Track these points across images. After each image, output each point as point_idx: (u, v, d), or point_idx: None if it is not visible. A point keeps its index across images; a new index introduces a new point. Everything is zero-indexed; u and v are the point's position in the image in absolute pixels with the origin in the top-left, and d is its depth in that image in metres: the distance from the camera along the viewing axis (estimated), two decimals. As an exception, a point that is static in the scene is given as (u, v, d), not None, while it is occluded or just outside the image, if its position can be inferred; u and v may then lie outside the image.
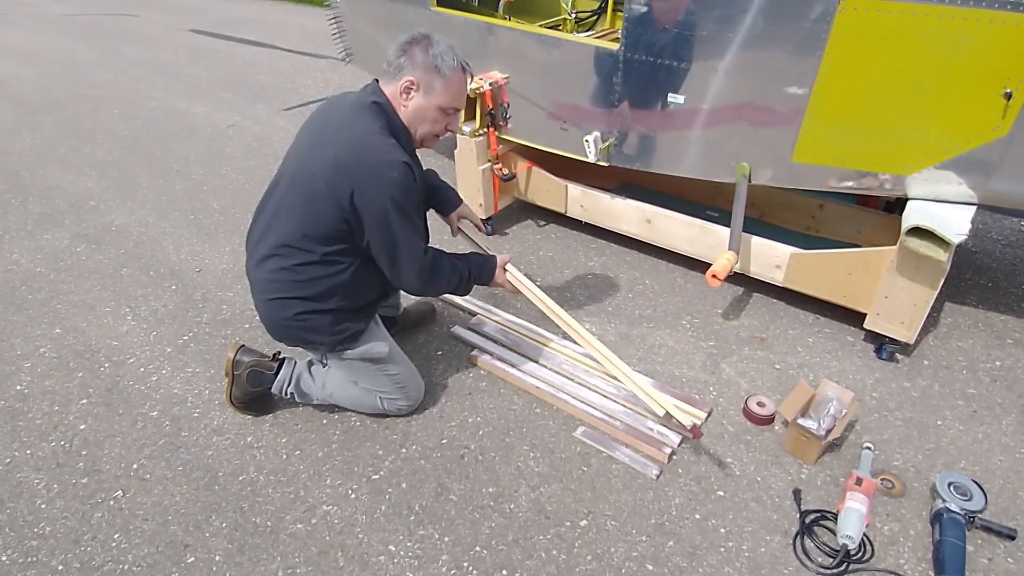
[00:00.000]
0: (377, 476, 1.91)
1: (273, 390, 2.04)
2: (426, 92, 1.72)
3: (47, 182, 3.77)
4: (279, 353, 2.09)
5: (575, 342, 2.15)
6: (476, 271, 2.01)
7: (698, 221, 2.59)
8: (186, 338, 2.48)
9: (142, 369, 2.34)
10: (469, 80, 1.80)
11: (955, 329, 2.50)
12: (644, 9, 2.23)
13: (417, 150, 1.86)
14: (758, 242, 2.45)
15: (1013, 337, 2.44)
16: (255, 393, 2.06)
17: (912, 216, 2.03)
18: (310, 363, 2.07)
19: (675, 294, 2.70)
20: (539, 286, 2.70)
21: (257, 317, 1.95)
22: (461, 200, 2.23)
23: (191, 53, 6.48)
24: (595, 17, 3.65)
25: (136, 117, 4.79)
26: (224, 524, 1.78)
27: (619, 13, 3.58)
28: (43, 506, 1.84)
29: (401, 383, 2.01)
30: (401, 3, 2.98)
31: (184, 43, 6.89)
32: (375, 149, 1.65)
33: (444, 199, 2.21)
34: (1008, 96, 1.85)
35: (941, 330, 2.49)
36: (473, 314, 2.56)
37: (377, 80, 1.79)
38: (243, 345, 2.06)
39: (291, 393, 2.04)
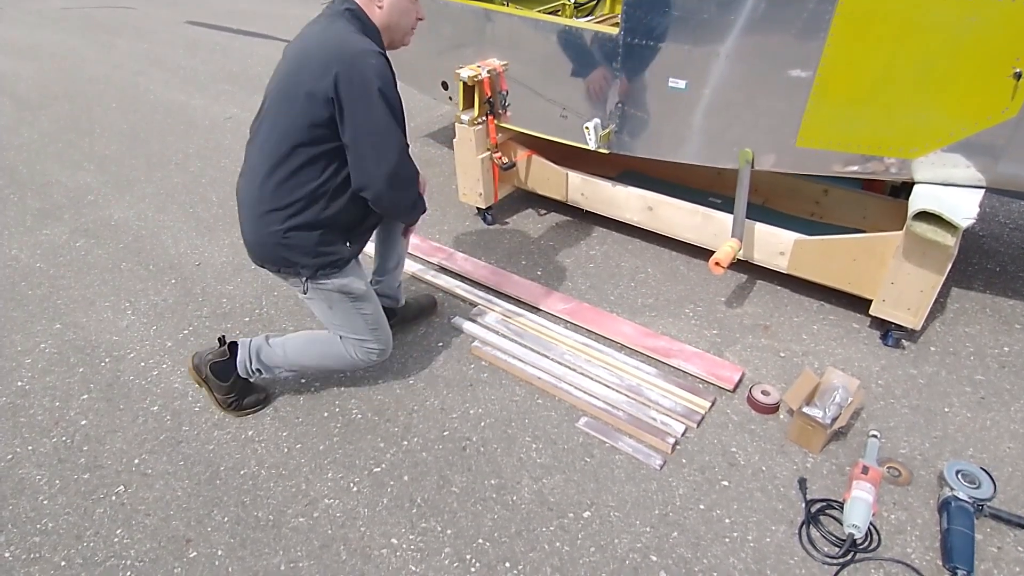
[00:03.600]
0: (379, 469, 1.90)
1: (240, 373, 2.02)
2: None
3: (45, 177, 3.75)
4: (223, 337, 2.05)
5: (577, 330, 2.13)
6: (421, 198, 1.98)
7: (701, 208, 2.56)
8: (186, 332, 2.47)
9: (142, 364, 2.33)
10: None
11: (962, 314, 2.47)
12: (644, -8, 2.19)
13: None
14: (761, 229, 2.42)
15: (1021, 322, 2.41)
16: (233, 386, 2.03)
17: (919, 201, 1.99)
18: (267, 337, 2.04)
19: (678, 282, 2.67)
20: (540, 276, 2.70)
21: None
22: None
23: (188, 45, 6.43)
24: (595, 3, 3.59)
25: (134, 111, 4.76)
26: (226, 518, 1.77)
27: (619, -2, 3.53)
28: (45, 502, 1.83)
29: (373, 325, 1.99)
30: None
31: (181, 35, 6.84)
32: (354, 42, 1.67)
33: None
34: (1017, 76, 1.81)
35: (948, 315, 2.46)
36: (474, 304, 2.54)
37: None
38: (196, 353, 2.04)
39: (257, 369, 2.01)
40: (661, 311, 2.51)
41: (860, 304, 2.34)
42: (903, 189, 2.60)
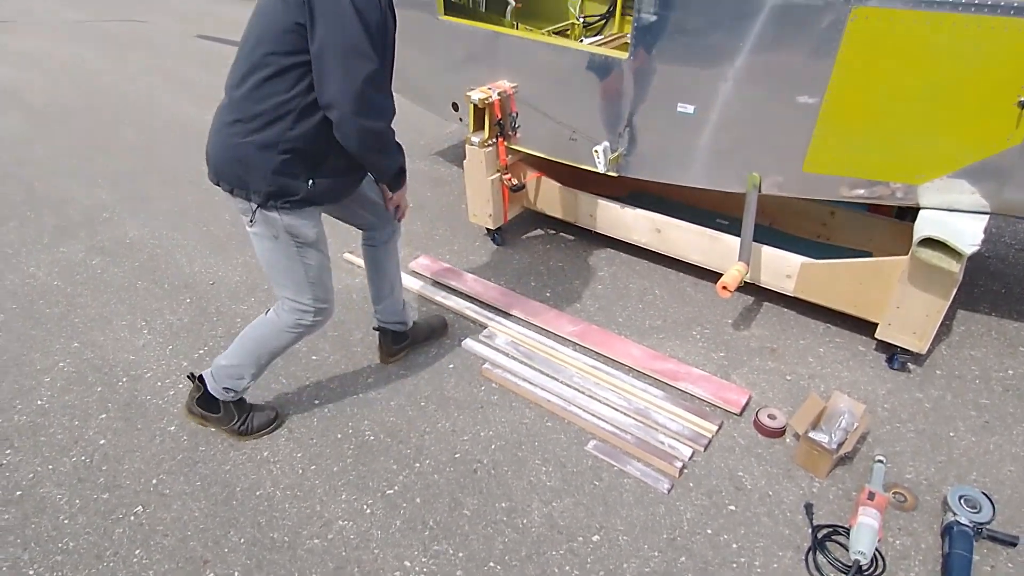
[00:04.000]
0: (391, 491, 1.93)
1: (221, 398, 2.05)
2: None
3: (61, 194, 3.82)
4: (192, 373, 2.09)
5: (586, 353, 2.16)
6: (402, 160, 1.86)
7: (708, 231, 2.59)
8: (202, 351, 2.52)
9: (159, 383, 2.37)
10: None
11: (968, 337, 2.49)
12: (653, 18, 2.23)
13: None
14: (768, 252, 2.45)
15: (1027, 345, 2.43)
16: (229, 414, 2.08)
17: (924, 227, 2.02)
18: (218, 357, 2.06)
19: (685, 304, 2.70)
20: (549, 297, 2.74)
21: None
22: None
23: (200, 59, 6.52)
24: (603, 22, 3.64)
25: (147, 125, 4.83)
26: (242, 539, 1.81)
27: (627, 17, 3.58)
28: (66, 521, 1.88)
29: (313, 280, 1.87)
30: (410, 11, 2.98)
31: (193, 49, 6.93)
32: None
33: None
34: (1022, 105, 1.84)
35: (954, 338, 2.48)
36: (484, 326, 2.57)
37: None
38: (187, 399, 2.13)
39: (225, 388, 2.02)
40: (669, 333, 2.54)
41: (866, 327, 2.36)
42: (909, 211, 2.62)
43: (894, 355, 2.31)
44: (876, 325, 2.29)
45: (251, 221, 1.77)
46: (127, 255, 3.18)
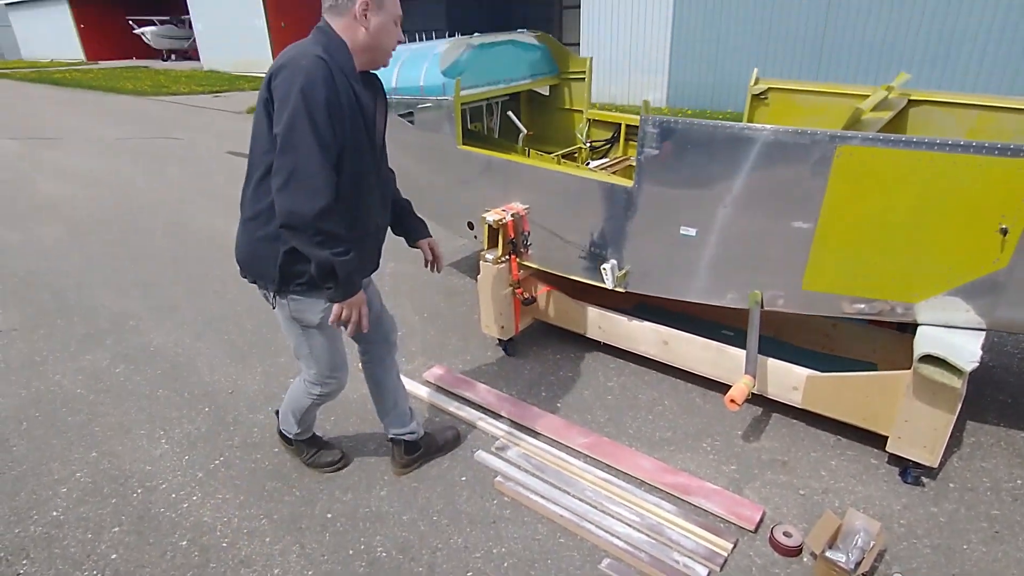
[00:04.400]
0: (402, 613, 1.90)
1: (286, 435, 2.48)
2: (378, 8, 1.78)
3: (91, 302, 3.99)
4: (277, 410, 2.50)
5: (598, 466, 2.18)
6: (347, 262, 1.77)
7: (714, 344, 2.67)
8: (217, 462, 2.55)
9: (173, 495, 2.39)
10: None
11: (978, 449, 2.49)
12: (655, 152, 2.44)
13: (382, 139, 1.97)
14: (774, 364, 2.51)
15: (1039, 458, 2.43)
16: (300, 448, 2.49)
17: (923, 343, 2.09)
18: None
19: (694, 415, 2.73)
20: (560, 408, 2.78)
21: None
22: (429, 233, 2.30)
23: (229, 173, 6.96)
24: (609, 146, 3.93)
25: (177, 236, 5.11)
26: (249, 666, 1.76)
27: (631, 142, 3.87)
28: (70, 644, 1.84)
29: (317, 358, 2.10)
30: (433, 141, 3.26)
31: (223, 164, 7.42)
32: (301, 49, 1.72)
33: (411, 227, 2.27)
34: (1004, 232, 1.97)
35: (965, 450, 2.48)
36: (496, 438, 2.60)
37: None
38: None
39: (284, 428, 2.45)
40: (679, 445, 2.56)
41: (877, 439, 2.37)
42: (911, 324, 2.71)
43: (907, 469, 2.31)
44: (887, 438, 2.31)
45: (273, 305, 2.03)
46: (150, 363, 3.28)
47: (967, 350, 2.05)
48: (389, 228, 2.20)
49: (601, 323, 2.98)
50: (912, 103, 2.85)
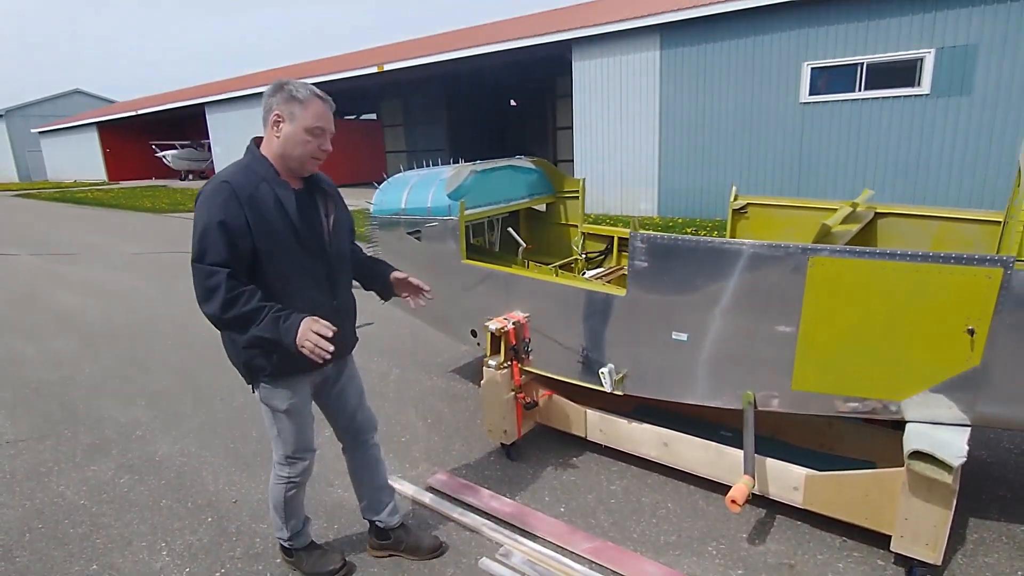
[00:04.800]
0: None
1: (289, 545, 2.49)
2: (290, 120, 2.01)
3: (99, 412, 4.05)
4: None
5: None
6: (266, 326, 1.96)
7: (713, 444, 2.73)
8: (219, 574, 2.52)
9: (173, 610, 2.35)
10: (328, 106, 2.06)
11: (981, 544, 2.49)
12: (645, 265, 2.63)
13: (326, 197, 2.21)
14: (773, 464, 2.56)
15: (1045, 557, 2.41)
16: (295, 556, 2.50)
17: (912, 440, 2.17)
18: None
19: (698, 518, 2.73)
20: (563, 512, 2.79)
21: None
22: (390, 268, 2.46)
23: (240, 285, 7.21)
24: (603, 256, 4.17)
25: (186, 346, 5.24)
26: None
27: (624, 253, 4.11)
28: None
29: (285, 439, 2.26)
30: (440, 253, 3.48)
31: (234, 276, 7.70)
32: (216, 174, 2.05)
33: (371, 276, 2.46)
34: (971, 332, 2.11)
35: (968, 546, 2.48)
36: (500, 544, 2.59)
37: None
38: None
39: (277, 536, 2.48)
40: (684, 549, 2.54)
41: (881, 538, 2.37)
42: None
43: (912, 568, 2.29)
44: (890, 537, 2.31)
45: (253, 391, 2.25)
46: (155, 473, 3.30)
47: (954, 445, 2.12)
48: (362, 287, 2.47)
49: (602, 426, 3.05)
50: (879, 215, 3.11)
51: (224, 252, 1.93)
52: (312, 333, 1.93)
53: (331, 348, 1.94)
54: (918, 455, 2.12)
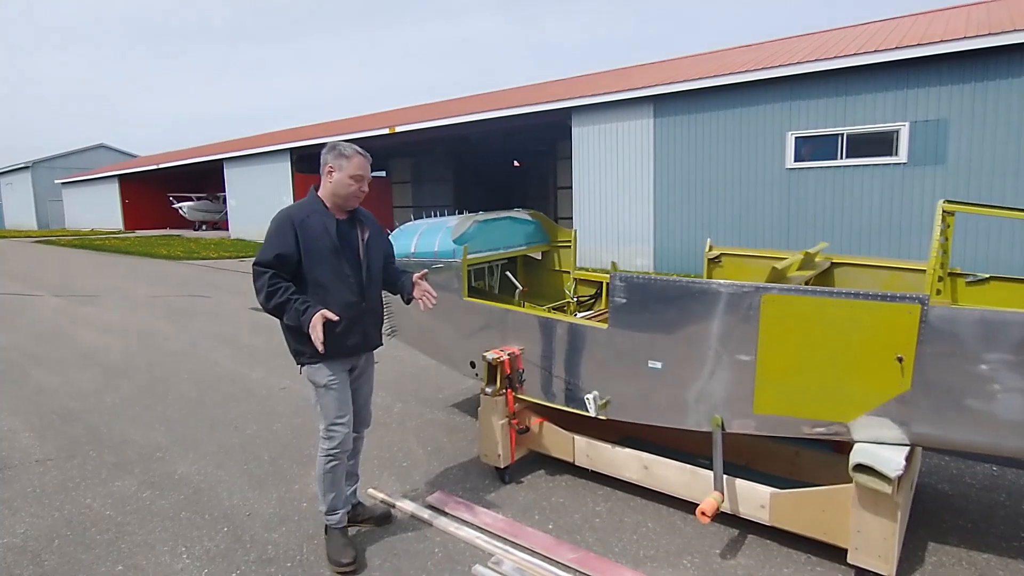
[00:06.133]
0: None
1: (326, 521, 2.90)
2: (339, 170, 2.73)
3: (122, 436, 4.33)
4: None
5: None
6: (291, 313, 2.62)
7: (689, 466, 3.00)
8: (235, 575, 2.76)
9: (192, 604, 2.58)
10: (367, 160, 2.78)
11: (940, 567, 2.70)
12: (624, 301, 2.98)
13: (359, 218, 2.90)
14: (743, 484, 2.82)
15: (996, 575, 2.64)
16: (329, 536, 2.89)
17: (856, 455, 2.45)
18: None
19: (676, 535, 2.97)
20: (552, 529, 3.03)
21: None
22: (412, 282, 2.95)
23: (252, 327, 7.57)
24: (593, 300, 4.52)
25: (202, 381, 5.55)
26: None
27: (613, 297, 4.46)
28: None
29: (325, 410, 2.76)
30: (444, 292, 3.83)
31: (247, 319, 8.07)
32: (292, 204, 2.82)
33: (397, 283, 3.02)
34: (900, 360, 2.43)
35: (927, 567, 2.70)
36: (491, 554, 2.83)
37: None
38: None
39: (321, 510, 2.90)
40: (662, 562, 2.78)
41: (842, 553, 2.60)
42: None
43: (867, 580, 2.52)
44: (847, 551, 2.55)
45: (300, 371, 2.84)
46: (175, 489, 3.56)
47: (893, 460, 2.40)
48: (390, 292, 3.08)
49: (588, 451, 3.32)
50: (835, 265, 3.47)
51: (271, 258, 2.62)
52: (317, 323, 2.55)
53: (320, 337, 2.54)
54: (860, 468, 2.40)
